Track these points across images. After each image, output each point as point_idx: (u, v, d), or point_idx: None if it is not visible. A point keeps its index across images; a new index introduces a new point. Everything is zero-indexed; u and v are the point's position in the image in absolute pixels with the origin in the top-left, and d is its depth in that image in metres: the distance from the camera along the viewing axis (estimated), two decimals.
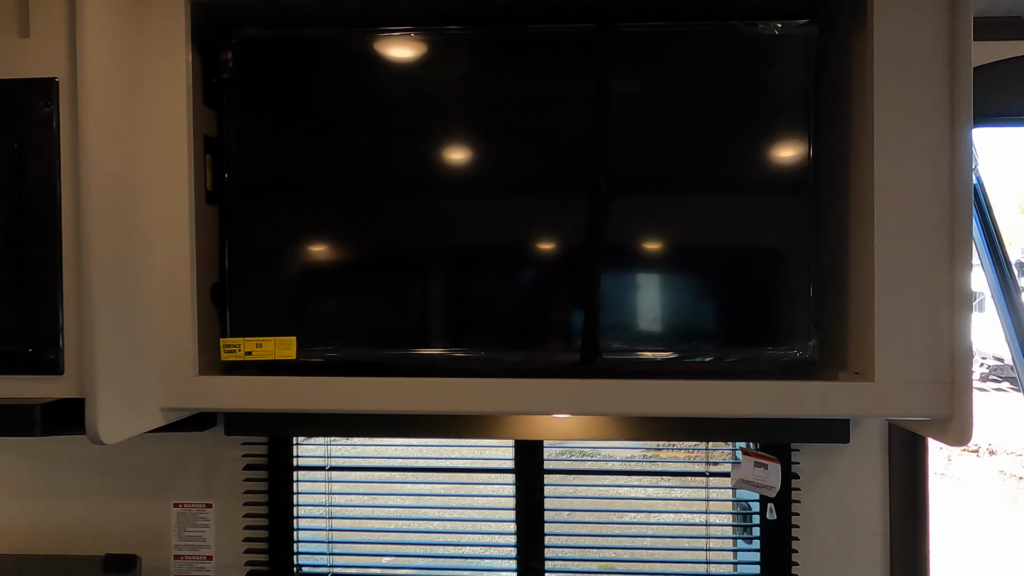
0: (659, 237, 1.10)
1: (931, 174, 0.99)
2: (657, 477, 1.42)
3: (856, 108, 1.05)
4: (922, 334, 0.99)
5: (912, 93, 0.99)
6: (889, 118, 0.99)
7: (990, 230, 1.91)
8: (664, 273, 1.10)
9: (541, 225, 1.10)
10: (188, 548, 1.40)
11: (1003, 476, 7.24)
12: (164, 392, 1.06)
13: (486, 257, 1.11)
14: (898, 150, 0.99)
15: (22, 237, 0.94)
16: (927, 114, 0.99)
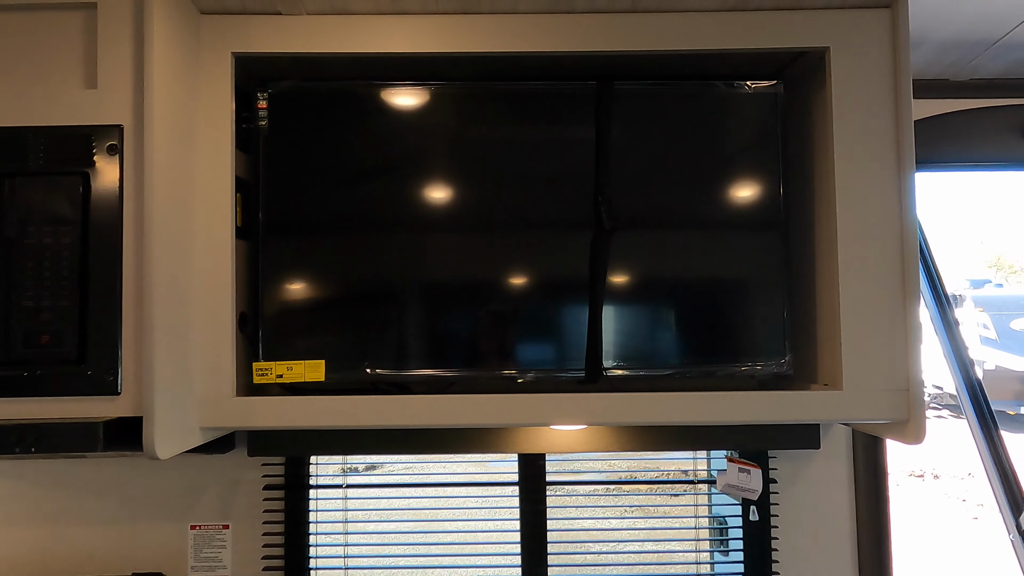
0: (652, 269, 1.24)
1: (883, 212, 1.16)
2: (649, 486, 1.55)
3: (819, 155, 1.23)
4: (882, 350, 1.15)
5: (865, 143, 1.17)
6: (846, 165, 1.17)
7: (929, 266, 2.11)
8: (657, 300, 1.24)
9: (549, 260, 1.23)
10: (205, 568, 1.45)
11: (947, 498, 7.57)
12: (204, 412, 1.14)
13: (499, 289, 1.23)
14: (855, 192, 1.16)
15: (86, 269, 1.03)
16: (878, 161, 1.17)
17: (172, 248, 1.07)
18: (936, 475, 8.42)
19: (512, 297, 1.23)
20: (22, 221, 1.03)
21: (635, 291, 1.24)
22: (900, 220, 1.16)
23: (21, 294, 1.02)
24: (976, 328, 10.49)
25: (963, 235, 27.20)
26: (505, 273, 1.23)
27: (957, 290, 11.37)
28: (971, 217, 31.55)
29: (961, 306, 10.98)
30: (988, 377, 10.27)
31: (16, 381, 1.01)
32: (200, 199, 1.15)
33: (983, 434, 1.95)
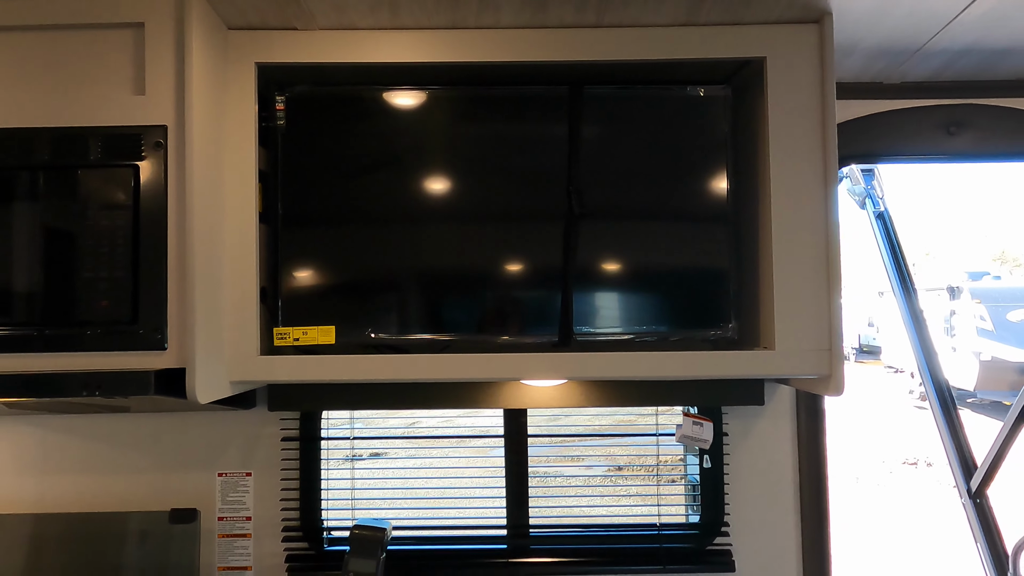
0: (617, 251, 1.43)
1: (811, 203, 1.36)
2: (618, 438, 1.76)
3: (761, 154, 1.42)
4: (808, 317, 1.35)
5: (795, 142, 1.36)
6: (780, 161, 1.36)
7: (898, 259, 2.28)
8: (621, 277, 1.43)
9: (528, 242, 1.43)
10: (230, 510, 1.66)
11: (939, 485, 7.76)
12: (233, 368, 1.35)
13: (484, 267, 1.42)
14: (787, 186, 1.36)
15: (137, 246, 1.23)
16: (807, 157, 1.36)
17: (207, 229, 1.28)
18: (929, 463, 8.60)
19: (495, 274, 1.42)
20: (84, 206, 1.23)
21: (602, 270, 1.43)
22: (825, 209, 1.35)
23: (83, 267, 1.23)
24: (973, 320, 10.63)
25: (968, 228, 27.16)
26: (489, 254, 1.43)
27: (955, 282, 11.50)
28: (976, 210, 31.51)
29: (959, 298, 11.12)
30: (984, 368, 10.42)
31: (81, 339, 1.22)
32: (229, 188, 1.36)
33: (942, 411, 2.16)
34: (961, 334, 10.85)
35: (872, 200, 2.30)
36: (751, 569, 1.66)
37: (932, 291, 11.59)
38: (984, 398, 10.68)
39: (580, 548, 1.69)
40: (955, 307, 11.15)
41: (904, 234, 2.29)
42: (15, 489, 1.66)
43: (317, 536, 1.68)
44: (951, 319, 11.16)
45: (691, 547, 1.67)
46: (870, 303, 17.16)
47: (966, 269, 13.63)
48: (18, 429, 1.67)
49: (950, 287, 11.44)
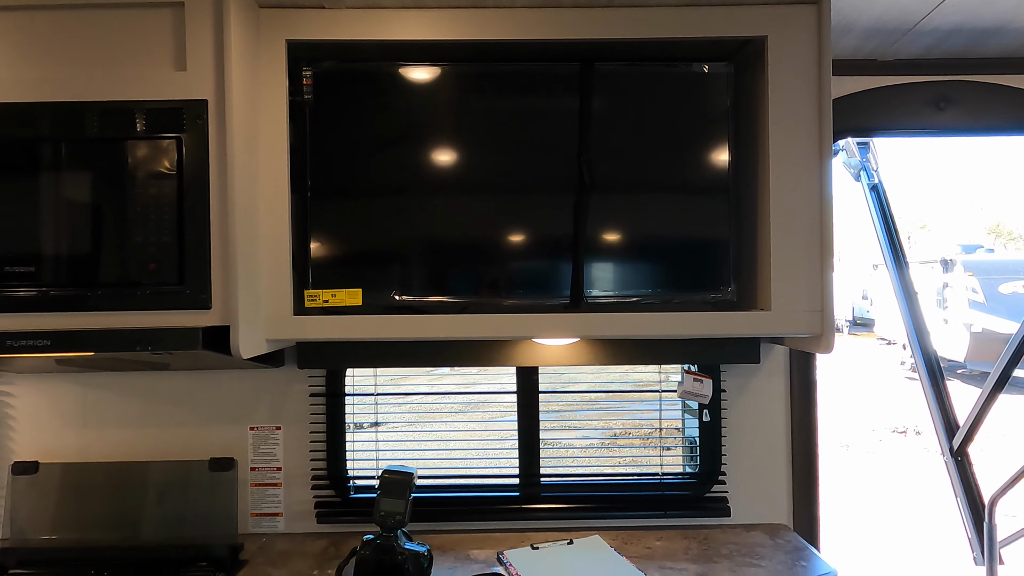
0: (625, 219, 1.53)
1: (807, 174, 1.46)
2: (625, 394, 1.88)
3: (761, 128, 1.51)
4: (802, 282, 1.46)
5: (794, 116, 1.46)
6: (779, 135, 1.46)
7: (891, 232, 2.38)
8: (629, 244, 1.53)
9: (542, 211, 1.52)
10: (262, 461, 1.78)
11: (927, 452, 7.97)
12: (269, 326, 1.45)
13: (501, 234, 1.52)
14: (785, 158, 1.46)
15: (182, 213, 1.33)
16: (804, 131, 1.46)
17: (246, 198, 1.37)
18: (918, 431, 8.81)
19: (511, 241, 1.52)
20: (132, 175, 1.33)
21: (610, 237, 1.53)
22: (820, 180, 1.45)
23: (133, 232, 1.32)
24: (965, 292, 10.77)
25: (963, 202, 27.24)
26: (505, 222, 1.52)
27: (949, 255, 11.62)
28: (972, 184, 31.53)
29: (952, 271, 11.25)
30: (975, 340, 10.60)
31: (132, 298, 1.32)
32: (263, 160, 1.45)
33: (929, 379, 2.29)
34: (953, 306, 11.00)
35: (867, 173, 2.40)
36: (745, 514, 1.80)
37: (926, 264, 11.72)
38: (974, 369, 10.87)
39: (587, 495, 1.82)
40: (948, 279, 11.28)
41: (899, 207, 2.39)
42: (58, 442, 1.78)
43: (343, 484, 1.80)
44: (943, 291, 11.30)
45: (690, 494, 1.81)
46: (864, 276, 17.30)
47: (960, 242, 13.74)
48: (59, 387, 1.78)
49: (943, 259, 11.56)
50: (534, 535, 1.71)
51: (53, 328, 1.31)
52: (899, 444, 8.21)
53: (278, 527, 1.78)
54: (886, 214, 2.42)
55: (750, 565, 1.53)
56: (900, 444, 8.22)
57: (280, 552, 1.65)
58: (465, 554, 1.62)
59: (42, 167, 1.32)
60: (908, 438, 8.52)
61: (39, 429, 1.78)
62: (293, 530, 1.78)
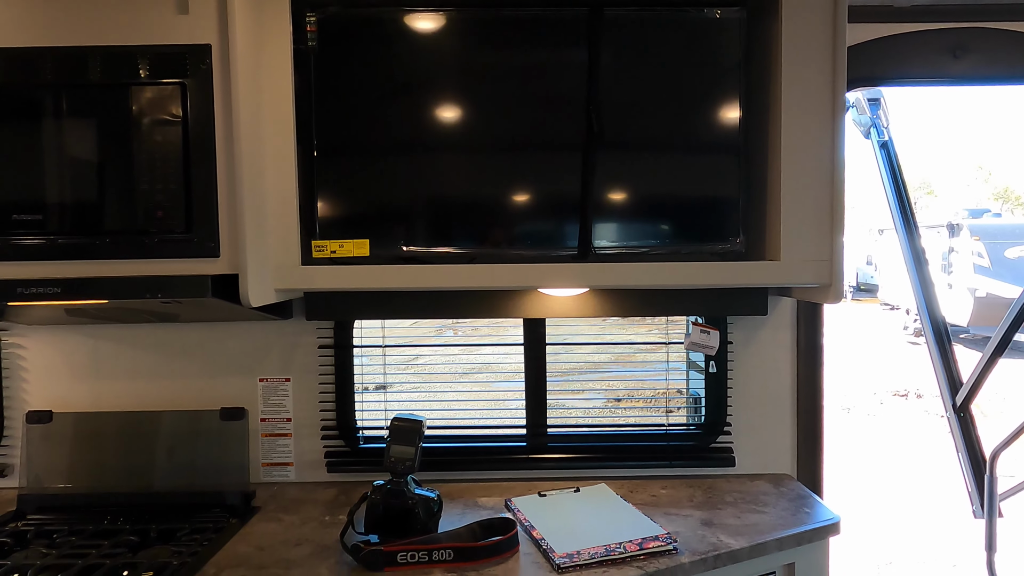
0: (634, 168, 1.51)
1: (820, 121, 1.44)
2: (630, 359, 1.89)
3: (773, 76, 1.48)
4: (812, 231, 1.45)
5: (807, 63, 1.43)
6: (792, 82, 1.44)
7: (902, 196, 2.35)
8: (637, 194, 1.52)
9: (550, 163, 1.50)
10: (272, 412, 1.81)
11: (927, 415, 8.03)
12: (278, 276, 1.45)
13: (509, 185, 1.50)
14: (798, 106, 1.44)
15: (188, 159, 1.32)
16: (817, 78, 1.43)
17: (252, 146, 1.36)
18: (919, 394, 8.87)
19: (520, 192, 1.51)
20: (137, 121, 1.31)
21: (619, 188, 1.52)
22: (832, 128, 1.44)
23: (140, 179, 1.32)
24: (971, 257, 10.74)
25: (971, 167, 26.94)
26: (514, 173, 1.51)
27: (955, 219, 11.56)
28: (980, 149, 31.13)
29: (958, 235, 11.20)
30: (979, 304, 10.60)
31: (141, 246, 1.32)
32: (268, 108, 1.43)
33: (936, 342, 2.30)
34: (958, 271, 10.98)
35: (877, 129, 2.36)
36: (750, 464, 1.82)
37: (932, 228, 11.66)
38: (976, 334, 10.90)
39: (593, 446, 1.84)
40: (954, 244, 11.24)
41: (906, 171, 2.35)
42: (71, 393, 1.79)
43: (353, 435, 1.82)
44: (949, 256, 11.27)
45: (695, 444, 1.82)
46: (869, 241, 17.24)
47: (966, 207, 13.65)
48: (71, 339, 1.79)
49: (950, 224, 11.50)
50: (541, 484, 1.74)
51: (63, 276, 1.32)
52: (900, 407, 8.28)
53: (289, 476, 1.81)
54: (895, 173, 2.39)
55: (754, 511, 1.55)
56: (901, 407, 8.28)
57: (291, 499, 1.68)
58: (473, 501, 1.65)
59: (46, 113, 1.31)
60: (909, 401, 8.58)
61: (52, 380, 1.79)
62: (304, 479, 1.81)
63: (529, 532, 1.45)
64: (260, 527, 1.52)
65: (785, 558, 1.45)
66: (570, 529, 1.44)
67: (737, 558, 1.37)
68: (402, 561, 1.31)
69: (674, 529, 1.45)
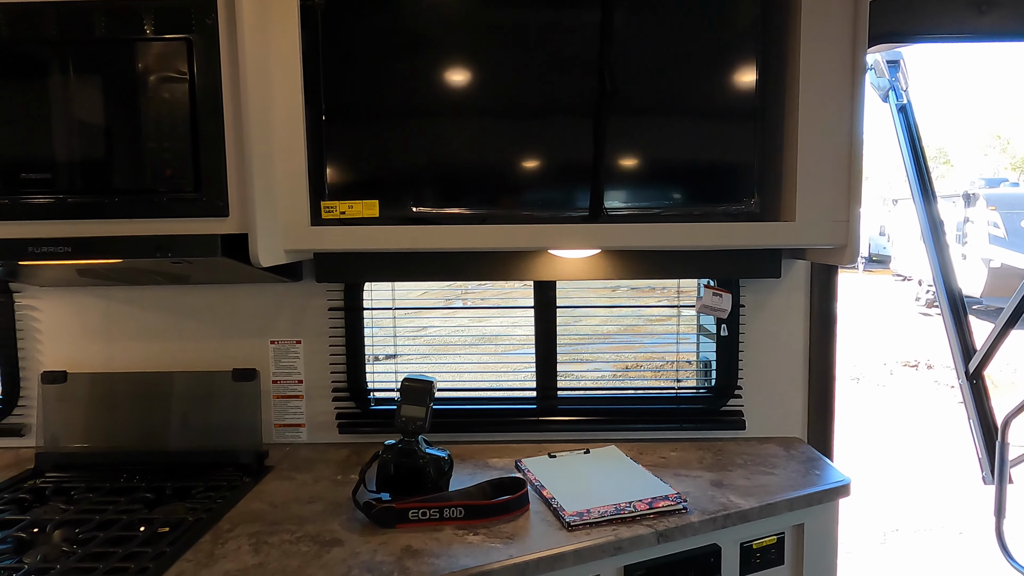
0: (647, 128, 1.48)
1: (839, 78, 1.40)
2: (642, 310, 1.88)
3: (792, 32, 1.44)
4: (828, 192, 1.43)
5: (827, 19, 1.39)
6: (811, 39, 1.39)
7: (920, 165, 2.30)
8: (651, 155, 1.49)
9: (563, 121, 1.47)
10: (283, 374, 1.82)
11: (937, 385, 8.02)
12: (288, 237, 1.44)
13: (520, 144, 1.48)
14: (816, 64, 1.40)
15: (196, 117, 1.31)
16: (837, 35, 1.39)
17: (259, 104, 1.34)
18: (930, 365, 8.85)
19: (531, 152, 1.48)
20: (143, 78, 1.30)
21: (632, 151, 1.48)
22: (852, 86, 1.40)
23: (147, 137, 1.31)
24: (986, 227, 10.60)
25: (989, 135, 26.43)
26: (525, 134, 1.48)
27: (971, 189, 11.39)
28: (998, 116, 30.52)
29: (974, 205, 11.04)
30: (993, 275, 10.49)
31: (149, 205, 1.32)
32: (276, 66, 1.41)
33: (951, 312, 2.27)
34: (973, 241, 10.86)
35: (895, 92, 2.31)
36: (760, 428, 1.82)
37: (947, 198, 11.50)
38: (989, 305, 10.82)
39: (603, 408, 1.84)
40: (969, 214, 11.10)
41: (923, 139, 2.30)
42: (84, 354, 1.81)
43: (364, 397, 1.83)
44: (964, 226, 11.14)
45: (705, 408, 1.82)
46: (883, 212, 17.04)
47: (983, 176, 13.44)
48: (84, 300, 1.80)
49: (966, 193, 11.34)
50: (551, 446, 1.74)
51: (73, 235, 1.32)
52: (910, 377, 8.27)
53: (301, 437, 1.83)
54: (914, 137, 2.34)
55: (764, 473, 1.55)
56: (911, 377, 8.27)
57: (304, 459, 1.70)
58: (484, 462, 1.66)
59: (52, 70, 1.30)
60: (919, 372, 8.56)
61: (65, 341, 1.81)
62: (316, 440, 1.83)
63: (539, 491, 1.46)
64: (273, 485, 1.54)
65: (795, 519, 1.46)
66: (580, 489, 1.45)
67: (747, 518, 1.37)
68: (413, 518, 1.32)
69: (684, 489, 1.46)
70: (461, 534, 1.29)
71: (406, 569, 1.15)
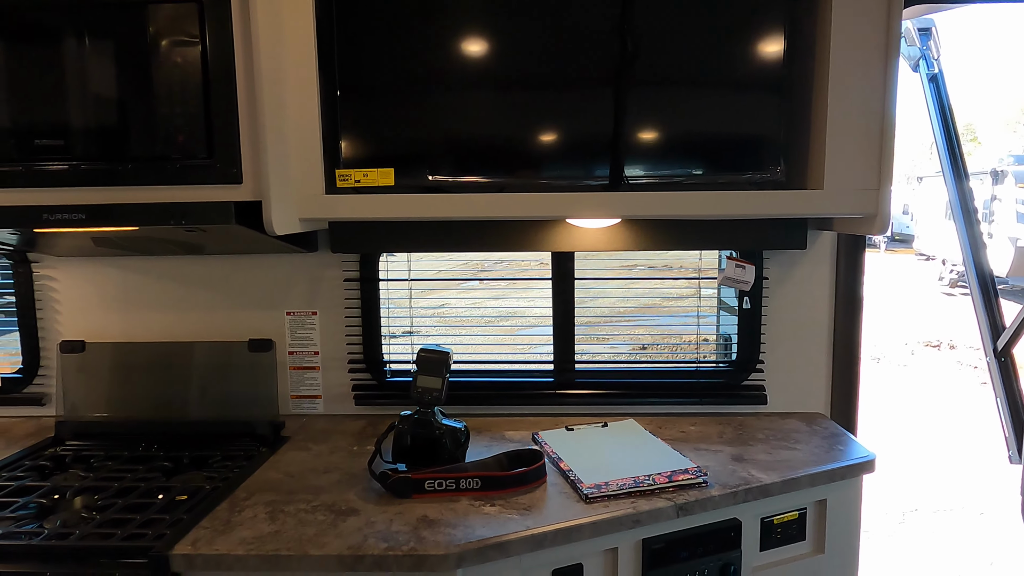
0: (670, 100, 1.42)
1: (872, 37, 1.34)
2: (662, 282, 1.85)
3: (823, 7, 1.38)
4: (858, 160, 1.37)
5: None
6: (843, 8, 1.33)
7: (952, 143, 2.22)
8: (673, 121, 1.43)
9: (584, 88, 1.42)
10: (299, 346, 1.81)
11: (960, 365, 7.90)
12: (302, 206, 1.42)
13: (539, 111, 1.43)
14: (849, 33, 1.34)
15: (208, 82, 1.28)
16: (870, 2, 1.33)
17: (272, 70, 1.32)
18: (952, 345, 8.72)
19: (551, 120, 1.43)
20: (155, 42, 1.27)
21: (654, 121, 1.43)
22: (886, 50, 1.34)
23: (160, 102, 1.28)
24: (1015, 205, 10.36)
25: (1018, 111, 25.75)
26: (545, 100, 1.43)
27: (1000, 166, 11.12)
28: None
29: (1002, 183, 10.78)
30: (1020, 254, 10.27)
31: (163, 172, 1.30)
32: (289, 31, 1.37)
33: (980, 291, 2.21)
34: (1000, 220, 10.63)
35: (927, 61, 2.22)
36: (782, 402, 1.79)
37: (975, 176, 11.24)
38: (1015, 284, 10.61)
39: (621, 382, 1.81)
40: (997, 192, 10.85)
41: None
42: (102, 324, 1.81)
43: (380, 368, 1.82)
44: (991, 204, 10.90)
45: (726, 382, 1.79)
46: (907, 190, 16.72)
47: (1011, 152, 13.11)
48: (101, 271, 1.80)
49: (994, 171, 11.08)
50: (568, 420, 1.72)
51: (87, 202, 1.30)
52: (932, 357, 8.15)
53: (317, 408, 1.82)
54: (945, 109, 2.26)
55: (786, 448, 1.52)
56: (933, 357, 8.15)
57: (320, 430, 1.70)
58: (500, 434, 1.65)
59: (63, 35, 1.27)
60: (941, 352, 8.44)
61: (83, 311, 1.81)
62: (332, 412, 1.83)
63: (557, 464, 1.44)
64: (290, 455, 1.54)
65: (817, 494, 1.43)
66: (598, 462, 1.43)
67: (768, 492, 1.35)
68: (429, 489, 1.31)
69: (704, 463, 1.43)
70: (477, 505, 1.27)
71: (422, 539, 1.14)
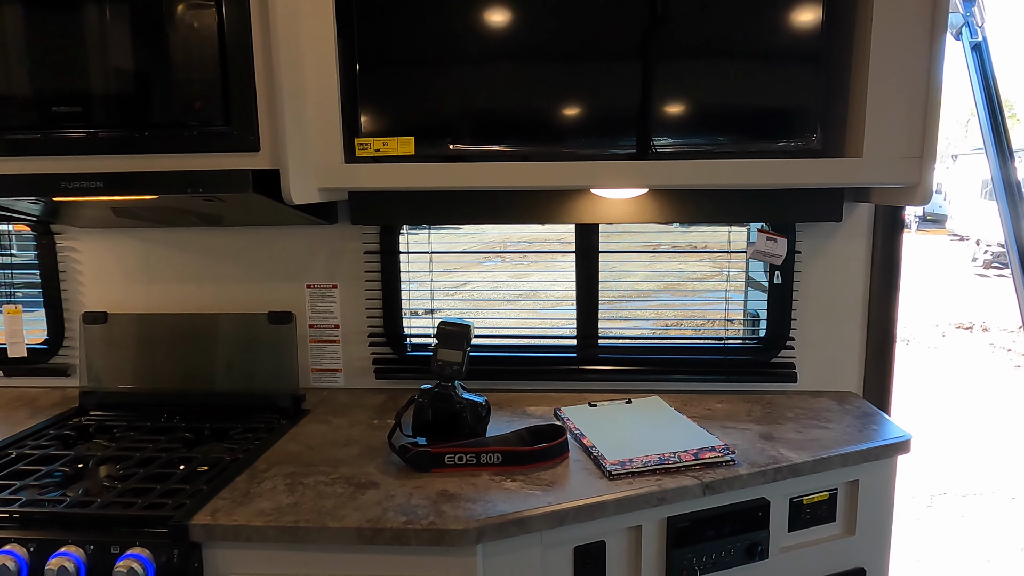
0: (699, 54, 1.36)
1: (915, 14, 1.27)
2: (687, 263, 1.80)
3: None
4: (899, 126, 1.31)
5: None
6: None
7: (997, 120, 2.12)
8: (701, 85, 1.37)
9: (611, 53, 1.37)
10: (320, 319, 1.79)
11: (992, 348, 7.72)
12: (321, 175, 1.39)
13: (565, 79, 1.37)
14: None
15: (224, 49, 1.25)
16: None
17: (290, 36, 1.28)
18: (985, 327, 8.52)
19: (576, 87, 1.37)
20: (170, 8, 1.24)
21: (683, 90, 1.37)
22: (932, 9, 1.26)
23: (176, 68, 1.26)
24: None
25: None
26: (570, 65, 1.37)
27: None
28: None
29: None
30: None
31: (180, 140, 1.27)
32: (308, 17, 1.33)
33: (1020, 262, 2.12)
34: None
35: (970, 28, 2.12)
36: (813, 381, 1.73)
37: (1016, 152, 10.88)
38: None
39: (646, 358, 1.77)
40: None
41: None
42: (124, 295, 1.81)
43: (400, 342, 1.80)
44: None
45: (754, 359, 1.74)
46: (940, 169, 16.29)
47: None
48: (123, 242, 1.80)
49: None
50: (591, 396, 1.69)
51: (105, 170, 1.29)
52: (964, 340, 7.97)
53: (338, 382, 1.81)
54: (988, 80, 2.15)
55: (816, 427, 1.47)
56: (964, 340, 7.98)
57: (340, 404, 1.69)
58: (522, 410, 1.62)
59: (80, 1, 1.25)
60: (974, 334, 8.25)
61: (105, 283, 1.81)
62: (352, 385, 1.81)
63: (579, 440, 1.41)
64: (310, 428, 1.53)
65: (849, 474, 1.38)
66: (622, 438, 1.39)
67: (798, 472, 1.30)
68: (449, 463, 1.29)
69: (731, 441, 1.39)
70: (498, 480, 1.25)
71: (442, 513, 1.12)
